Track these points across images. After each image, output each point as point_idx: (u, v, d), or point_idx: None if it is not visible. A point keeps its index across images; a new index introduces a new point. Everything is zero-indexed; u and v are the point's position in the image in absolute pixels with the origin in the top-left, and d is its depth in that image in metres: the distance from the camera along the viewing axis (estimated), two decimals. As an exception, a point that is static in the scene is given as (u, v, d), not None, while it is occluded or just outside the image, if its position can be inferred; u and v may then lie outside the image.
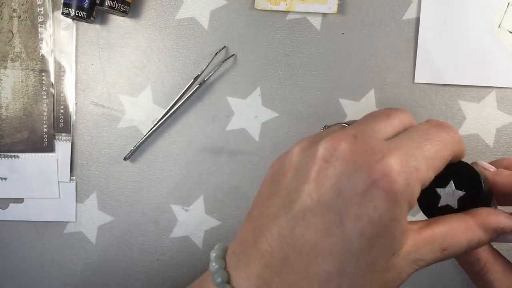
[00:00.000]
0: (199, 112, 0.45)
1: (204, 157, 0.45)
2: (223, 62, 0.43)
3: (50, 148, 0.45)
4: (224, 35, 0.44)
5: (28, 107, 0.45)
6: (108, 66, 0.45)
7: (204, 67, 0.43)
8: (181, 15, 0.44)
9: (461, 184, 0.27)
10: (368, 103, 0.45)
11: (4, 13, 0.44)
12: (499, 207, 0.30)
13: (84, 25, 0.45)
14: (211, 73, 0.43)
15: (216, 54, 0.43)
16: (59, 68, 0.45)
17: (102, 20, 0.45)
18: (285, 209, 0.24)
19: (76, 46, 0.45)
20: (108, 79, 0.45)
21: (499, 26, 0.43)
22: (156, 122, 0.44)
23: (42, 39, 0.44)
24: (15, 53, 0.44)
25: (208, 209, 0.46)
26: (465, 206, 0.27)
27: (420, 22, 0.43)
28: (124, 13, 0.43)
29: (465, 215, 0.26)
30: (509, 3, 0.42)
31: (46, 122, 0.45)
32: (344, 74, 0.44)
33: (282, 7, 0.43)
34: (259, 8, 0.43)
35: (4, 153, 0.45)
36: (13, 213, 0.46)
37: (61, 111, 0.45)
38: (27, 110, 0.45)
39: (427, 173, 0.24)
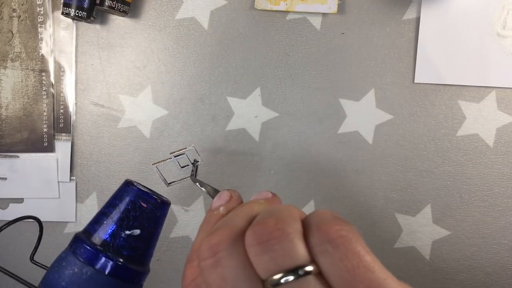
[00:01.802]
0: (199, 112, 0.45)
1: (204, 157, 0.45)
2: None
3: (50, 148, 0.45)
4: (224, 35, 0.44)
5: (28, 107, 0.45)
6: (108, 66, 0.45)
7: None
8: (181, 15, 0.44)
9: None
10: (368, 103, 0.45)
11: (4, 13, 0.44)
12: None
13: (84, 25, 0.44)
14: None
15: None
16: (59, 68, 0.45)
17: (102, 20, 0.45)
18: None
19: (76, 46, 0.45)
20: (108, 79, 0.45)
21: (499, 27, 0.43)
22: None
23: (42, 39, 0.44)
24: (15, 53, 0.44)
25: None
26: None
27: (420, 22, 0.43)
28: (124, 13, 0.43)
29: None
30: None
31: (46, 122, 0.45)
32: (344, 74, 0.44)
33: (282, 7, 0.43)
34: (259, 8, 0.43)
35: (4, 153, 0.45)
36: (13, 213, 0.46)
37: (61, 111, 0.45)
38: (27, 110, 0.45)
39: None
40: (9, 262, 0.47)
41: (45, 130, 0.45)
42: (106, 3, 0.41)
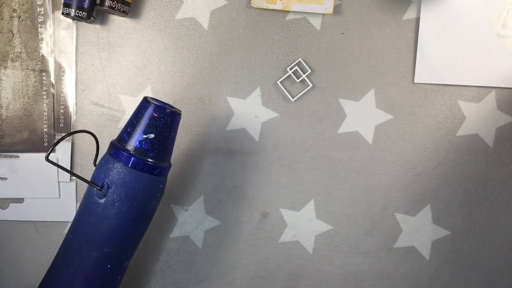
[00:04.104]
0: (199, 112, 0.45)
1: (204, 157, 0.45)
2: None
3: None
4: (224, 35, 0.44)
5: (28, 107, 0.45)
6: (108, 66, 0.45)
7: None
8: (181, 15, 0.44)
9: None
10: (368, 103, 0.45)
11: (4, 13, 0.44)
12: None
13: (84, 25, 0.45)
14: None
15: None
16: (59, 68, 0.45)
17: (102, 20, 0.45)
18: None
19: (76, 46, 0.45)
20: (108, 79, 0.45)
21: (499, 27, 0.43)
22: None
23: (42, 39, 0.44)
24: (15, 53, 0.45)
25: (208, 209, 0.46)
26: None
27: (420, 22, 0.43)
28: (124, 13, 0.43)
29: None
30: None
31: (46, 122, 0.45)
32: (344, 74, 0.44)
33: (278, 6, 0.43)
34: (255, 6, 0.43)
35: (4, 153, 0.45)
36: (13, 213, 0.46)
37: (61, 111, 0.45)
38: (27, 110, 0.45)
39: None
40: (10, 262, 0.47)
41: (45, 130, 0.45)
42: (106, 3, 0.42)
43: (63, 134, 0.45)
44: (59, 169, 0.45)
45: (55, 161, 0.45)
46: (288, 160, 0.45)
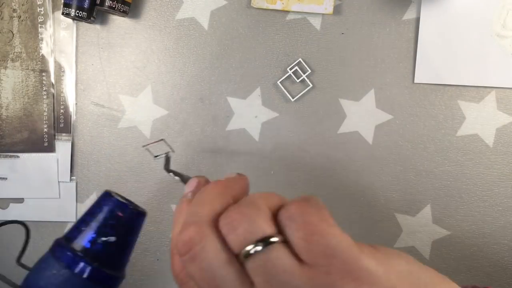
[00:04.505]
0: (199, 112, 0.45)
1: (204, 157, 0.45)
2: None
3: (50, 148, 0.45)
4: (224, 35, 0.44)
5: (28, 107, 0.45)
6: (108, 66, 0.45)
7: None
8: (181, 15, 0.44)
9: None
10: (368, 103, 0.45)
11: (4, 13, 0.44)
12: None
13: (84, 25, 0.45)
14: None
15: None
16: (59, 68, 0.45)
17: (102, 20, 0.45)
18: None
19: (76, 46, 0.45)
20: (108, 79, 0.45)
21: (498, 27, 0.43)
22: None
23: (42, 39, 0.44)
24: (15, 53, 0.44)
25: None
26: None
27: (420, 22, 0.43)
28: (124, 13, 0.43)
29: None
30: None
31: (46, 122, 0.45)
32: (344, 74, 0.44)
33: (278, 6, 0.43)
34: (255, 7, 0.43)
35: (4, 153, 0.45)
36: (13, 213, 0.46)
37: (61, 111, 0.45)
38: (27, 110, 0.45)
39: None
40: (10, 262, 0.47)
41: (45, 130, 0.45)
42: (107, 3, 0.42)
43: (63, 134, 0.45)
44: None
45: (56, 162, 0.45)
46: (288, 160, 0.45)
